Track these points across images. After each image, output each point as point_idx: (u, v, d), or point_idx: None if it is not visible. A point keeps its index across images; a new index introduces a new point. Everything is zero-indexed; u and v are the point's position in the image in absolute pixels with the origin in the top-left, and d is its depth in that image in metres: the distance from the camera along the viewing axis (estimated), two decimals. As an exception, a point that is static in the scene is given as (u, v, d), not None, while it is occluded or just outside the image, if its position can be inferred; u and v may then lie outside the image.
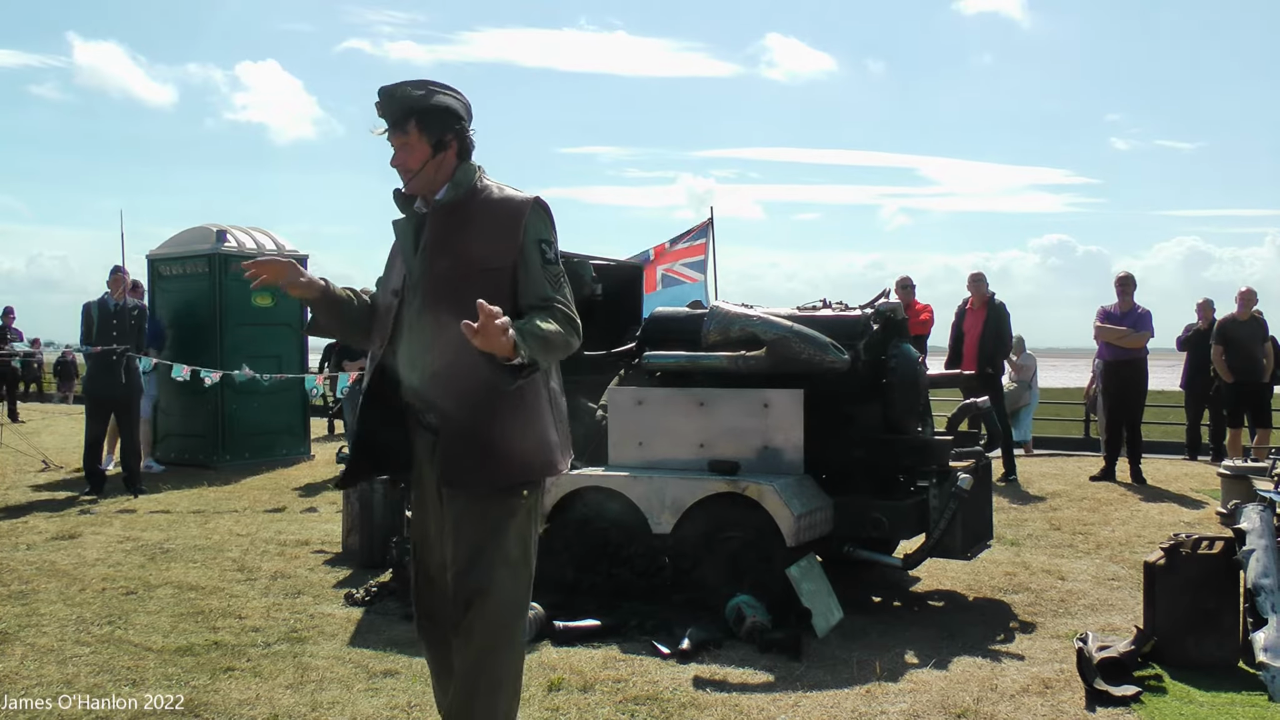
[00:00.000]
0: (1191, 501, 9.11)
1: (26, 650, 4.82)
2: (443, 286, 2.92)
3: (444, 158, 3.00)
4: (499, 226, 2.94)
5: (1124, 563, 6.78)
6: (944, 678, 4.57)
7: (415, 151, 2.97)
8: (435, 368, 2.91)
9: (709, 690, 4.38)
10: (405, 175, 3.02)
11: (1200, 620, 4.70)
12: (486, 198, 3.00)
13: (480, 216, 2.97)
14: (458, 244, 2.95)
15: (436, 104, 2.97)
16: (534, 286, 2.90)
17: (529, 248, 2.92)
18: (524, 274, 2.91)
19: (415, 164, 2.98)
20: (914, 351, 6.11)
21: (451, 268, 2.93)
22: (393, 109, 2.96)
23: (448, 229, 2.98)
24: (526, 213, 2.95)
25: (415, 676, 4.50)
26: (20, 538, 7.44)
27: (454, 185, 3.01)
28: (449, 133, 2.99)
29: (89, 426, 9.67)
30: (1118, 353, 10.29)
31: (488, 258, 2.92)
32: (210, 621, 5.34)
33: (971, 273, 10.64)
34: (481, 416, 2.89)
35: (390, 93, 2.96)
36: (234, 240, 11.71)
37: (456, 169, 3.02)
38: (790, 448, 5.60)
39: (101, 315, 9.56)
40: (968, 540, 5.80)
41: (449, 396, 2.91)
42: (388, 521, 6.72)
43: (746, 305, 6.05)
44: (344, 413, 11.82)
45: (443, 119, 2.98)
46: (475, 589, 2.90)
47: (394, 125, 2.98)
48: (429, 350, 2.92)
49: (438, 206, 3.01)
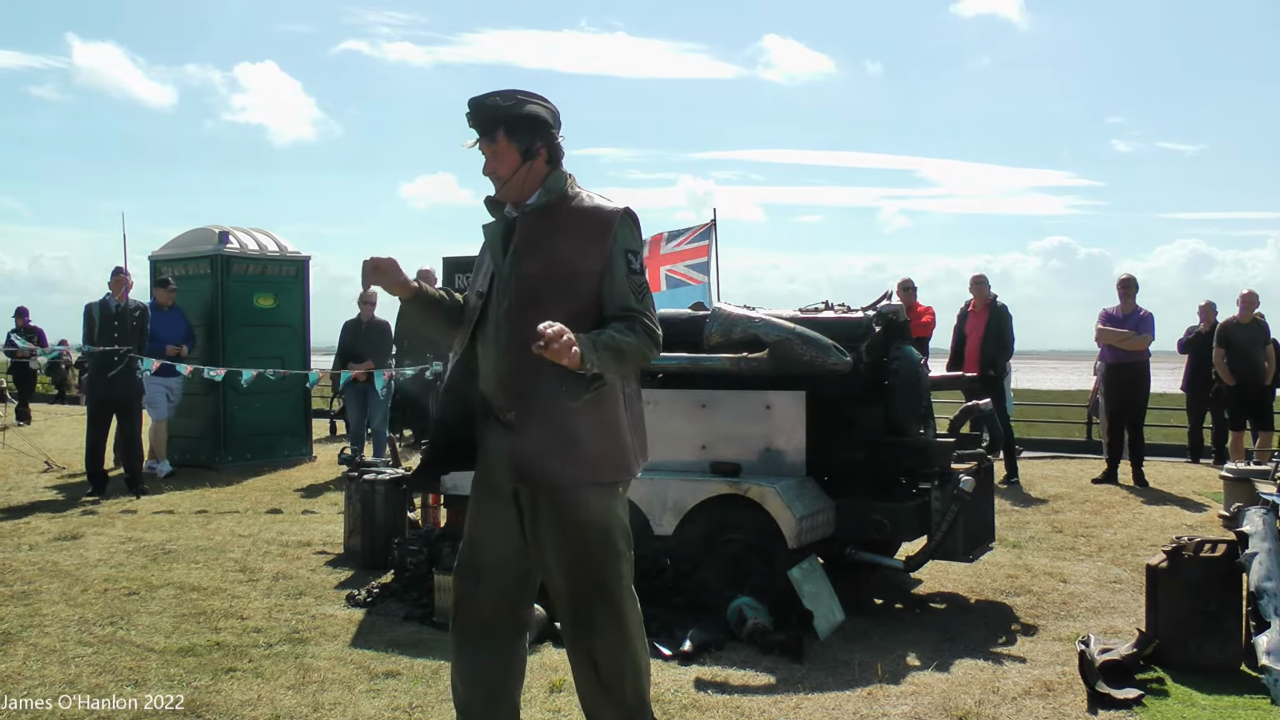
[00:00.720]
0: (1194, 504, 9.11)
1: (29, 651, 4.82)
2: (529, 289, 3.02)
3: (534, 165, 3.09)
4: (588, 233, 3.04)
5: (1126, 565, 6.78)
6: (946, 680, 4.57)
7: (505, 159, 3.07)
8: (518, 368, 2.99)
9: (710, 692, 4.38)
10: (496, 182, 3.11)
11: (1202, 623, 4.69)
12: (577, 205, 3.10)
13: (570, 222, 3.06)
14: (547, 248, 3.04)
15: (525, 113, 3.06)
16: (618, 295, 3.01)
17: (616, 256, 3.03)
18: (609, 282, 3.02)
19: (505, 171, 3.08)
20: (916, 354, 6.11)
21: (539, 271, 3.02)
22: (482, 119, 3.06)
23: (537, 233, 3.07)
24: (616, 222, 3.05)
25: (417, 678, 4.50)
26: (22, 538, 7.45)
27: (545, 191, 3.10)
28: (538, 140, 3.08)
29: (90, 428, 9.67)
30: (1120, 355, 10.29)
31: (575, 263, 3.01)
32: (212, 622, 5.34)
33: (973, 275, 10.64)
34: (561, 417, 2.98)
35: (479, 103, 3.06)
36: (236, 241, 11.71)
37: (547, 175, 3.11)
38: (792, 450, 5.60)
39: (103, 316, 9.57)
40: (969, 542, 5.79)
41: (530, 396, 2.99)
42: (389, 523, 6.73)
43: (748, 307, 6.05)
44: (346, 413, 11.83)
45: (531, 127, 3.07)
46: (594, 585, 3.03)
47: (483, 134, 3.08)
48: (512, 350, 3.00)
49: (528, 211, 3.10)
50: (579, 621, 3.08)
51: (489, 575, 3.16)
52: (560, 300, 2.95)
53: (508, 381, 3.04)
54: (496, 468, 3.13)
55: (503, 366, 3.05)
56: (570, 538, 3.03)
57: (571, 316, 2.88)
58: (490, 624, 3.17)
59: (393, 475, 6.91)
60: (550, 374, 2.85)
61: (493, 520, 3.17)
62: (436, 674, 4.55)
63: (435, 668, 4.63)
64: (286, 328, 11.98)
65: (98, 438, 9.65)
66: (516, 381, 3.01)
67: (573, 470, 3.00)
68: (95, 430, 9.64)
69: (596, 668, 3.08)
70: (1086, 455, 13.04)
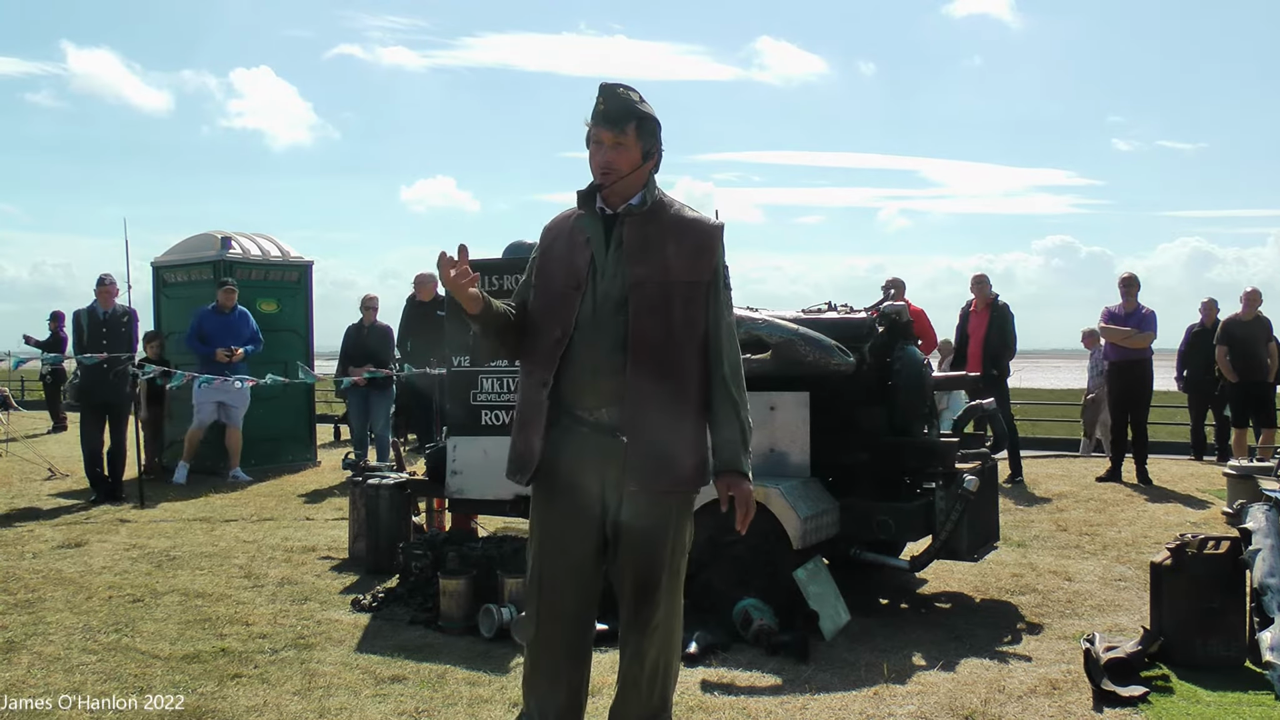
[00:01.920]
0: (1197, 502, 9.10)
1: (33, 659, 4.82)
2: (643, 293, 3.05)
3: (647, 167, 3.11)
4: (698, 245, 3.11)
5: (1130, 563, 6.78)
6: (951, 679, 4.56)
7: (629, 155, 3.06)
8: (626, 369, 3.03)
9: (716, 693, 4.38)
10: (610, 176, 3.07)
11: (1207, 620, 4.69)
12: (678, 214, 3.14)
13: (678, 231, 3.11)
14: (658, 253, 3.07)
15: (651, 113, 3.10)
16: (719, 308, 3.13)
17: (720, 271, 3.13)
18: (714, 295, 3.12)
19: (627, 166, 3.06)
20: (919, 354, 6.11)
21: (650, 275, 3.05)
22: (618, 110, 3.05)
23: (647, 237, 3.09)
24: (719, 237, 3.14)
25: (423, 682, 4.50)
26: (26, 546, 7.45)
27: (647, 194, 3.12)
28: (656, 144, 3.11)
29: (85, 434, 9.67)
30: (1122, 353, 10.30)
31: (688, 272, 3.08)
32: (217, 628, 5.34)
33: (975, 275, 10.64)
34: (666, 419, 3.04)
35: (614, 91, 3.06)
36: (239, 247, 11.73)
37: (647, 181, 3.14)
38: (796, 450, 5.60)
39: (91, 323, 9.60)
40: (974, 542, 5.79)
41: (638, 398, 3.03)
42: (394, 527, 6.73)
43: (752, 308, 6.05)
44: (349, 416, 11.83)
45: (654, 130, 3.11)
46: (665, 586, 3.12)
47: (613, 125, 3.04)
48: (620, 351, 3.03)
49: (633, 211, 3.10)
50: (641, 620, 3.14)
51: (568, 579, 3.15)
52: (672, 306, 3.04)
53: (613, 382, 3.04)
54: (579, 469, 3.10)
55: (603, 365, 3.04)
56: (659, 537, 3.10)
57: (680, 322, 3.03)
58: (571, 627, 3.18)
59: (397, 479, 6.91)
60: (661, 377, 3.01)
61: (570, 523, 3.14)
62: (442, 678, 4.55)
63: (441, 672, 4.63)
64: (289, 332, 12.00)
65: (95, 443, 9.65)
66: (623, 383, 3.03)
67: (678, 475, 3.08)
68: (91, 436, 9.64)
69: (643, 664, 3.15)
70: (1090, 454, 13.04)
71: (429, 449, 6.99)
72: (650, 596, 3.12)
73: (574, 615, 3.18)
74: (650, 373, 3.02)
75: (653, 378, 3.02)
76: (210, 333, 10.53)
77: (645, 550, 3.11)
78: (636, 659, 3.17)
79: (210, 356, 10.39)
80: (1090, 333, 13.05)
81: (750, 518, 3.10)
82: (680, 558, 3.19)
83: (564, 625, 3.17)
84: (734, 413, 3.10)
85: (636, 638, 3.16)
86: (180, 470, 10.57)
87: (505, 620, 5.10)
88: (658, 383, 3.03)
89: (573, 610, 3.17)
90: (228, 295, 10.73)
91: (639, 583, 3.12)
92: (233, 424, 10.80)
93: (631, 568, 3.13)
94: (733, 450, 3.09)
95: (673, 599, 3.17)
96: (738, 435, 3.10)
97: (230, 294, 10.76)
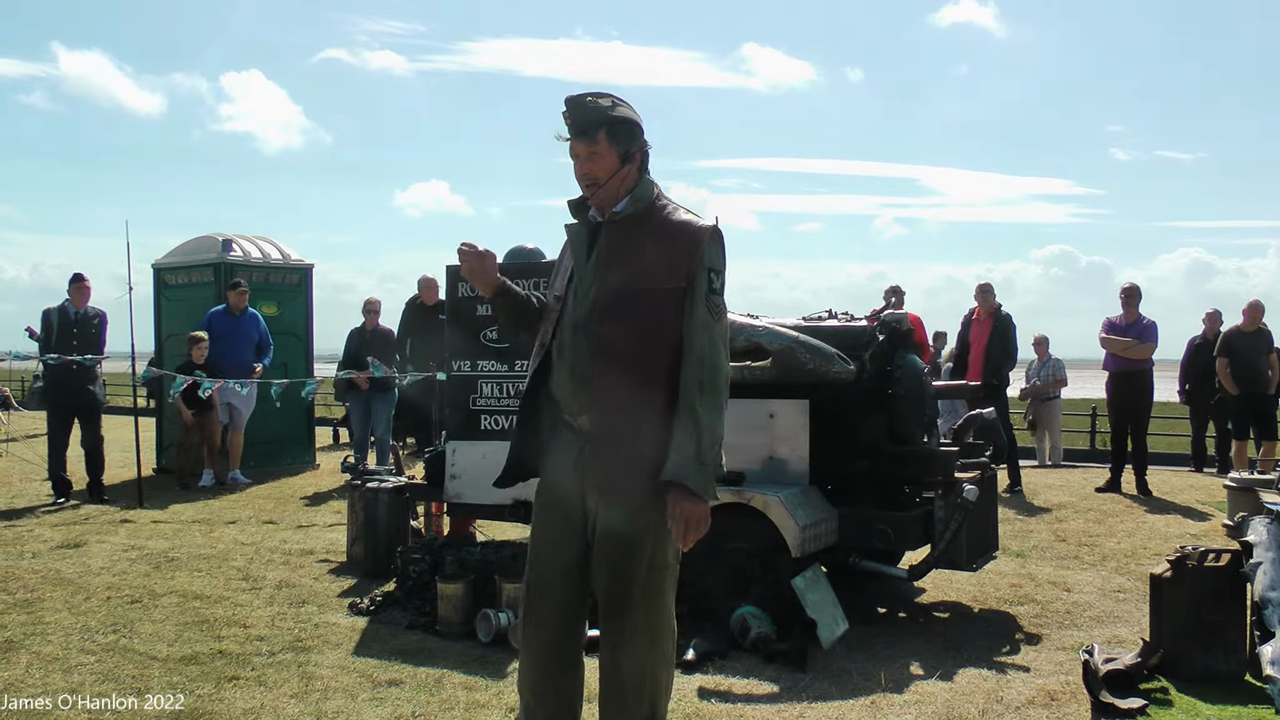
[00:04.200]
0: (1197, 513, 9.09)
1: (31, 659, 4.82)
2: (612, 299, 2.99)
3: (629, 170, 3.05)
4: (676, 249, 3.00)
5: (1130, 574, 6.77)
6: (949, 689, 4.56)
7: (604, 161, 3.02)
8: (595, 377, 2.98)
9: (713, 701, 4.37)
10: (590, 187, 3.05)
11: (1207, 633, 4.68)
12: (666, 218, 3.06)
13: (658, 235, 3.03)
14: (633, 259, 3.01)
15: (623, 115, 3.03)
16: (697, 313, 2.97)
17: (699, 274, 2.98)
18: (691, 299, 2.97)
19: (604, 174, 3.02)
20: (919, 362, 6.11)
21: (623, 282, 3.00)
22: (583, 118, 3.01)
23: (624, 243, 3.04)
24: (705, 240, 3.00)
25: (420, 686, 4.50)
26: (25, 546, 7.45)
27: (634, 199, 3.06)
28: (635, 145, 3.05)
29: (51, 433, 9.61)
30: (1123, 364, 10.29)
31: (660, 277, 2.98)
32: (215, 630, 5.34)
33: (979, 283, 10.64)
34: (636, 428, 2.96)
35: (580, 103, 3.01)
36: (239, 249, 11.73)
37: (637, 184, 3.08)
38: (795, 458, 5.60)
39: (61, 323, 9.51)
40: (973, 551, 5.79)
41: (606, 406, 2.98)
42: (392, 530, 6.73)
43: (752, 315, 6.05)
44: (349, 420, 11.82)
45: (630, 131, 3.04)
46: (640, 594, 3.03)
47: (581, 135, 3.01)
48: (591, 358, 3.00)
49: (615, 219, 3.06)
50: (615, 628, 3.07)
51: (556, 584, 3.13)
52: (643, 312, 2.95)
53: (584, 390, 3.02)
54: (563, 473, 3.11)
55: (578, 372, 3.03)
56: (627, 547, 3.02)
57: (652, 329, 2.93)
58: (557, 633, 3.14)
59: (395, 483, 6.91)
60: (630, 383, 2.92)
61: (557, 527, 3.14)
62: (439, 682, 4.55)
63: (438, 676, 4.63)
64: (290, 336, 12.00)
65: (60, 444, 9.59)
66: (593, 390, 2.99)
67: (644, 483, 2.96)
68: (56, 436, 9.58)
69: (621, 674, 3.08)
70: (1090, 464, 13.03)
71: (427, 453, 6.99)
72: (619, 607, 3.05)
73: (562, 620, 3.14)
74: (616, 381, 2.95)
75: (620, 386, 2.95)
76: (221, 334, 10.49)
77: (616, 561, 3.04)
78: (607, 669, 3.11)
79: (221, 356, 10.33)
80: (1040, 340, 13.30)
81: (696, 537, 2.90)
82: (658, 571, 3.07)
83: (553, 629, 3.14)
84: (691, 421, 2.90)
85: (607, 649, 3.11)
86: (206, 476, 10.55)
87: (503, 625, 5.10)
88: (626, 392, 2.95)
89: (561, 615, 3.14)
90: (240, 297, 10.69)
91: (608, 594, 3.07)
92: (236, 427, 10.79)
93: (603, 578, 3.07)
94: (680, 462, 2.88)
95: (652, 610, 3.07)
96: (691, 446, 2.89)
97: (242, 295, 10.72)
